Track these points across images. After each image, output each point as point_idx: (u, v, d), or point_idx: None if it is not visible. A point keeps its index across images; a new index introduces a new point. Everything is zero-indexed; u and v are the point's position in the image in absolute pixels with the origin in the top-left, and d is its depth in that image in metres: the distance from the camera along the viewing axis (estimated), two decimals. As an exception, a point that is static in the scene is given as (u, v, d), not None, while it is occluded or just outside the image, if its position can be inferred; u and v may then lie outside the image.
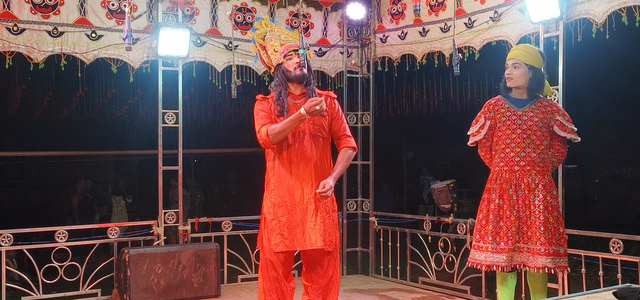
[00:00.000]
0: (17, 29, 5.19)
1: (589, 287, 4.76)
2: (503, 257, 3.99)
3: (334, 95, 4.19)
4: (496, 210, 4.07)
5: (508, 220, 4.02)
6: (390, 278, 6.49)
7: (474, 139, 4.28)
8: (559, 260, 3.99)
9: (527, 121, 4.09)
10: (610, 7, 4.54)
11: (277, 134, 3.88)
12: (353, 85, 6.84)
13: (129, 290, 5.38)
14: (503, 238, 4.01)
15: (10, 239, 5.39)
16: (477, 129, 4.25)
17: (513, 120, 4.11)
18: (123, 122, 13.63)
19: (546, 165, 4.11)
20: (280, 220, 3.95)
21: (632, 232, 4.80)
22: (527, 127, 4.08)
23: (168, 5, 5.68)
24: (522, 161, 4.07)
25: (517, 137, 4.09)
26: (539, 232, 3.96)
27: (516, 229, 4.01)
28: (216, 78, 6.03)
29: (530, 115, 4.09)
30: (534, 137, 4.07)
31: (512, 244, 3.99)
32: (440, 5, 5.86)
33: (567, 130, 4.12)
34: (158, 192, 5.89)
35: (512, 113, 4.13)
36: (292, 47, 4.08)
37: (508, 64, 4.15)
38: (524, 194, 4.04)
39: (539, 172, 4.06)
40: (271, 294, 4.01)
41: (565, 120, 4.13)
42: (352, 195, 6.86)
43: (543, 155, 4.09)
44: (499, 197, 4.09)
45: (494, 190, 4.12)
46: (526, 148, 4.07)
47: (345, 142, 4.10)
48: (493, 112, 4.20)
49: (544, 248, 3.93)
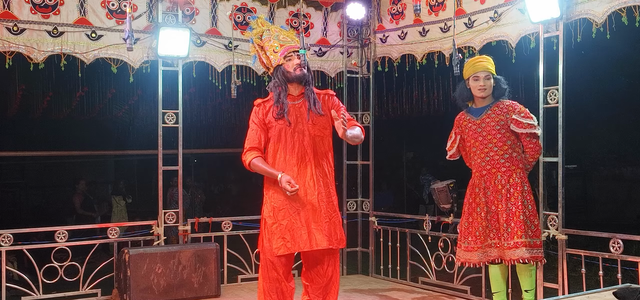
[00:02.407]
0: (17, 29, 5.19)
1: (589, 287, 4.75)
2: (474, 255, 4.44)
3: (332, 92, 4.19)
4: (467, 212, 4.52)
5: (475, 221, 4.43)
6: (390, 278, 6.49)
7: (449, 153, 4.74)
8: (535, 251, 4.30)
9: (485, 127, 4.43)
10: (610, 7, 4.53)
11: (257, 172, 4.05)
12: (353, 85, 6.84)
13: (129, 290, 5.37)
14: (472, 237, 4.45)
15: (10, 239, 5.39)
16: (449, 144, 4.72)
17: (474, 130, 4.48)
18: (123, 122, 13.63)
19: (514, 164, 4.37)
20: (281, 224, 3.95)
21: (632, 232, 4.80)
22: (486, 133, 4.42)
23: (168, 5, 5.68)
24: (488, 165, 4.41)
25: (479, 144, 4.45)
26: (510, 228, 4.28)
27: (484, 228, 4.39)
28: (216, 78, 6.03)
29: (487, 121, 4.42)
30: (495, 140, 4.39)
31: (481, 243, 4.40)
32: (440, 5, 5.86)
33: (523, 126, 4.34)
34: (158, 192, 5.90)
35: (472, 123, 4.50)
36: (292, 48, 4.07)
37: (480, 77, 4.42)
38: (492, 194, 4.38)
39: (505, 173, 4.36)
40: (271, 294, 4.01)
41: (520, 117, 4.35)
42: (352, 195, 6.86)
43: (508, 155, 4.37)
44: (471, 200, 4.50)
45: (467, 195, 4.55)
46: (489, 152, 4.40)
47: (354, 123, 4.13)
48: (460, 127, 4.62)
49: (513, 242, 4.26)
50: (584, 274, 4.82)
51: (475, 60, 4.52)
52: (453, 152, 4.71)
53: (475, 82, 4.45)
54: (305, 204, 3.94)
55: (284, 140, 3.98)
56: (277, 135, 4.01)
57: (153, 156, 6.12)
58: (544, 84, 4.93)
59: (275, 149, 4.02)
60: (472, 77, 4.47)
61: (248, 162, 4.02)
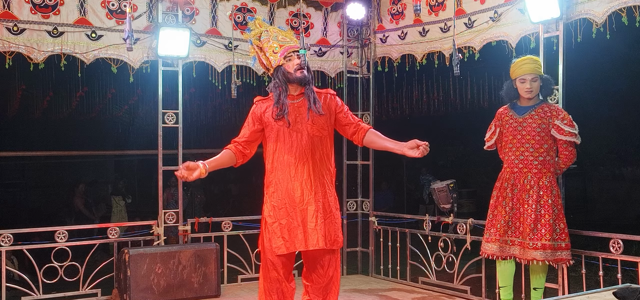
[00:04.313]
0: (17, 29, 5.19)
1: (589, 287, 4.76)
2: (493, 246, 4.55)
3: (333, 92, 4.18)
4: (493, 205, 4.62)
5: (499, 214, 4.54)
6: (390, 278, 6.49)
7: (487, 144, 4.81)
8: (557, 254, 4.38)
9: (526, 127, 4.49)
10: (610, 7, 4.53)
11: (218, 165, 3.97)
12: (353, 85, 6.84)
13: (129, 290, 5.37)
14: (494, 229, 4.56)
15: (10, 239, 5.39)
16: (489, 136, 4.79)
17: (514, 127, 4.54)
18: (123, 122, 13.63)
19: (546, 167, 4.43)
20: (280, 223, 3.94)
21: (632, 232, 4.80)
22: (525, 132, 4.48)
23: (168, 5, 5.68)
24: (520, 164, 4.49)
25: (516, 141, 4.51)
26: (529, 229, 4.36)
27: (505, 222, 4.50)
28: (216, 78, 6.03)
29: (529, 122, 4.48)
30: (533, 141, 4.45)
31: (500, 236, 4.51)
32: (440, 5, 5.86)
33: (564, 133, 4.40)
34: (158, 192, 5.90)
35: (514, 120, 4.55)
36: (291, 48, 4.06)
37: (526, 79, 4.47)
38: (519, 192, 4.46)
39: (535, 174, 4.44)
40: (272, 294, 4.00)
41: (563, 124, 4.40)
42: (352, 195, 6.85)
43: (542, 158, 4.45)
44: (499, 193, 4.59)
45: (496, 187, 4.64)
46: (525, 152, 4.48)
47: (363, 127, 4.09)
48: (501, 120, 4.68)
49: (532, 243, 4.35)
50: (584, 274, 4.82)
51: (522, 62, 4.53)
52: (491, 144, 4.78)
53: (522, 84, 4.51)
54: (302, 204, 3.93)
55: (282, 140, 3.97)
56: (276, 135, 4.00)
57: (153, 156, 6.12)
58: (544, 84, 4.92)
59: (274, 149, 4.01)
60: (518, 79, 4.53)
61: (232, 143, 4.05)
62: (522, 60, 4.53)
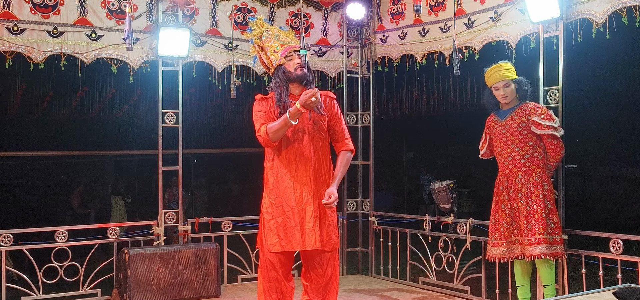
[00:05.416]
0: (17, 29, 5.19)
1: (589, 287, 4.76)
2: (499, 250, 4.66)
3: (333, 95, 4.18)
4: (494, 209, 4.75)
5: (500, 218, 4.66)
6: (390, 278, 6.49)
7: (481, 152, 4.97)
8: (554, 248, 4.48)
9: (508, 129, 4.63)
10: (610, 7, 4.53)
11: (276, 131, 3.86)
12: (353, 85, 6.84)
13: (129, 290, 5.37)
14: (498, 233, 4.67)
15: (10, 239, 5.39)
16: (481, 144, 4.95)
17: (499, 131, 4.71)
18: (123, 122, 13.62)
19: (535, 164, 4.55)
20: (276, 221, 3.95)
21: (632, 232, 4.80)
22: (509, 134, 4.63)
23: (168, 5, 5.68)
24: (510, 164, 4.63)
25: (503, 144, 4.67)
26: (523, 225, 4.49)
27: (508, 224, 4.62)
28: (216, 78, 6.03)
29: (511, 123, 4.62)
30: (517, 141, 4.59)
31: (505, 239, 4.63)
32: (440, 5, 5.86)
33: (542, 127, 4.52)
34: (158, 192, 5.90)
35: (498, 125, 4.72)
36: (292, 47, 4.07)
37: (499, 86, 4.63)
38: (513, 193, 4.59)
39: (525, 172, 4.56)
40: (271, 294, 4.01)
41: (540, 119, 4.52)
42: (352, 195, 6.86)
43: (529, 155, 4.56)
44: (497, 198, 4.72)
45: (494, 192, 4.76)
46: (512, 152, 4.62)
47: (343, 145, 4.11)
48: (489, 128, 4.84)
49: (534, 238, 4.45)
50: (584, 274, 4.82)
51: (492, 71, 4.68)
52: (484, 152, 4.94)
53: (496, 91, 4.69)
54: (301, 203, 3.93)
55: (283, 139, 3.98)
56: (277, 134, 3.99)
57: (153, 156, 6.12)
58: (544, 84, 4.93)
59: (275, 148, 4.01)
60: (492, 87, 4.70)
61: (265, 132, 3.88)
62: (492, 70, 4.69)
